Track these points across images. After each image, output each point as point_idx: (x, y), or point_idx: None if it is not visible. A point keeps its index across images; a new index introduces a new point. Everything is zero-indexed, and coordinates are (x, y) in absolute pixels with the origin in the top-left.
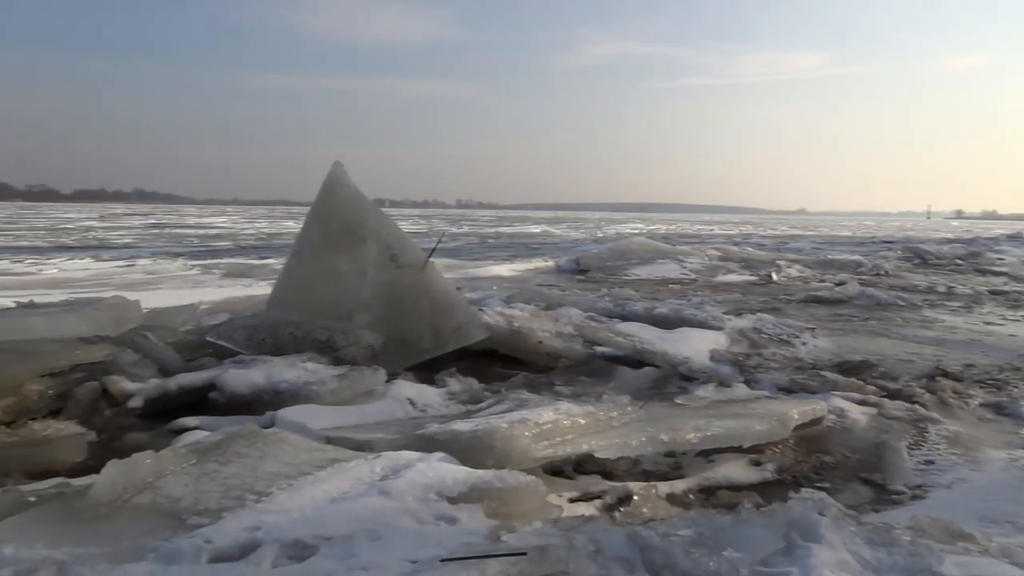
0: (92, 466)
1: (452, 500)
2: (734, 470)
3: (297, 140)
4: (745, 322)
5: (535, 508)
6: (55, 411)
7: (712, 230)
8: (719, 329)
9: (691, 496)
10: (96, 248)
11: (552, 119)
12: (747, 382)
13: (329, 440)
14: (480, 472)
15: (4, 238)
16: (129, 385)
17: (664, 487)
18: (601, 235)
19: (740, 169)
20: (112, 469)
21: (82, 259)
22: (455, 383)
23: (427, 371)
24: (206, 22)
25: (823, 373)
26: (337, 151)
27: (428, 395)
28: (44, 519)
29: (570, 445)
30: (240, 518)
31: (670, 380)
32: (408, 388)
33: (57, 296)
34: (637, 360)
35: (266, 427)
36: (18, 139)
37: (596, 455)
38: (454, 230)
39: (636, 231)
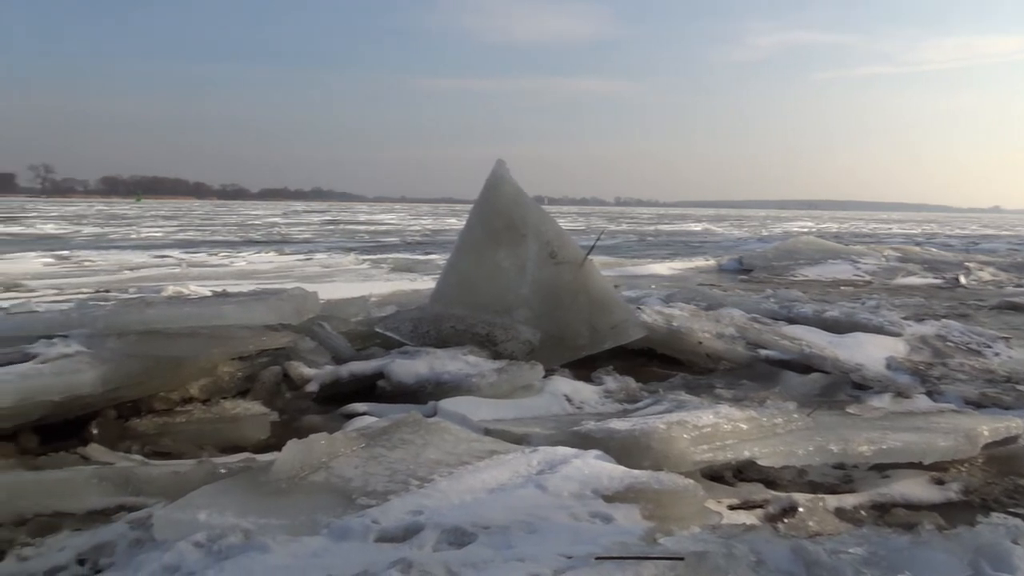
0: (274, 444)
1: (608, 498)
2: (912, 487)
3: (461, 140)
4: (928, 328)
5: (693, 513)
6: (243, 392)
7: (890, 229)
8: (897, 335)
9: (863, 512)
10: (279, 243)
11: (715, 114)
12: (929, 394)
13: (488, 432)
14: (636, 472)
15: (202, 233)
16: (307, 371)
17: (833, 500)
18: (766, 233)
19: (922, 163)
20: (292, 448)
21: (267, 253)
22: (612, 381)
23: (584, 368)
24: (384, 31)
25: (1020, 387)
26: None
27: (584, 392)
28: (233, 490)
29: (731, 450)
30: (404, 501)
31: (841, 387)
32: (565, 384)
33: (246, 286)
34: (804, 365)
35: (429, 416)
36: (217, 142)
37: (759, 462)
38: (612, 228)
39: (804, 229)
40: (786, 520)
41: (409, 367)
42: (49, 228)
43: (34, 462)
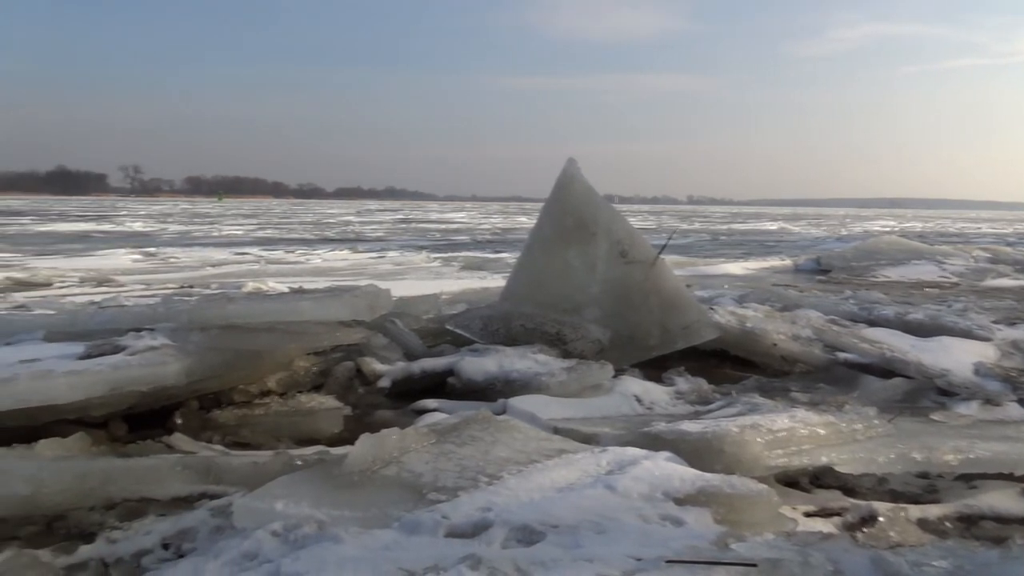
0: (347, 437)
1: (678, 501)
2: (1002, 500)
3: (531, 138)
4: (1020, 333)
5: (766, 518)
6: (318, 386)
7: (979, 228)
8: (986, 339)
9: (947, 524)
10: (353, 241)
11: (793, 110)
12: (1021, 401)
13: (557, 430)
14: (708, 475)
15: (280, 231)
16: (379, 366)
17: (915, 511)
18: (846, 232)
19: (1017, 159)
20: (364, 442)
21: (341, 250)
22: (683, 382)
23: (654, 368)
24: (456, 31)
25: None
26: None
27: (655, 393)
28: (308, 481)
29: (807, 456)
30: (474, 498)
31: (925, 393)
32: (635, 384)
33: (321, 283)
34: (885, 369)
35: (498, 414)
36: (294, 143)
37: (836, 469)
38: (684, 226)
39: (886, 228)
40: (865, 529)
41: (479, 365)
42: (137, 226)
43: (123, 449)
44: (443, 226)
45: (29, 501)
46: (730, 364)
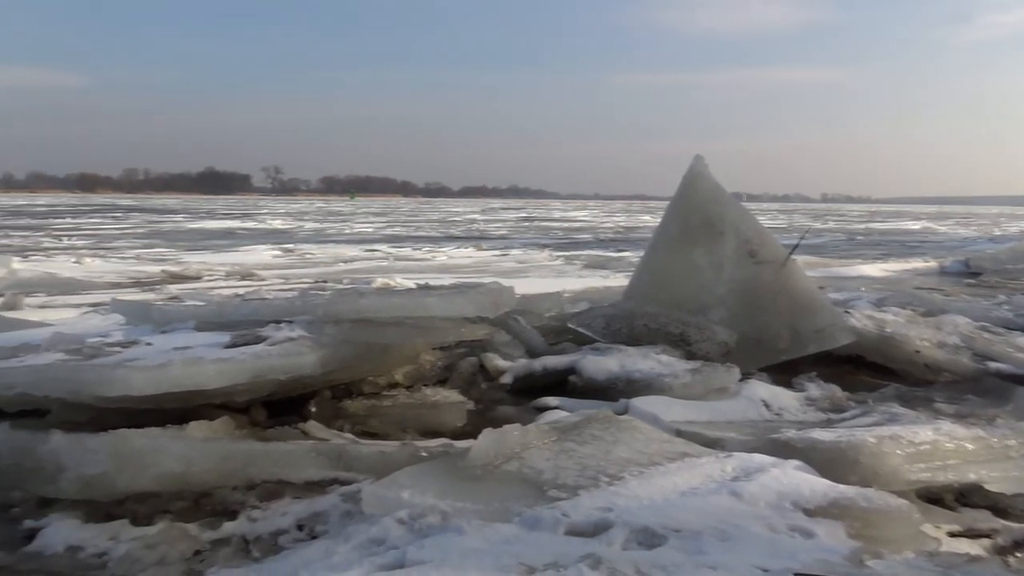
0: (470, 431)
1: (808, 512)
2: None
3: (656, 136)
4: None
5: (906, 536)
6: (442, 380)
7: None
8: None
9: None
10: (477, 238)
11: (939, 101)
12: None
13: (679, 433)
14: (842, 487)
15: (407, 229)
16: (502, 363)
17: None
18: (999, 232)
19: None
20: (487, 437)
21: (466, 248)
22: (815, 388)
23: (783, 373)
24: (584, 30)
25: None
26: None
27: (784, 398)
28: (432, 472)
29: (952, 471)
30: (594, 497)
31: None
32: (762, 389)
33: (447, 280)
34: None
35: (620, 414)
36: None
37: (986, 487)
38: (818, 225)
39: None
40: (1019, 554)
41: (601, 364)
42: (277, 223)
43: (262, 434)
44: (566, 224)
45: (180, 478)
46: (866, 371)
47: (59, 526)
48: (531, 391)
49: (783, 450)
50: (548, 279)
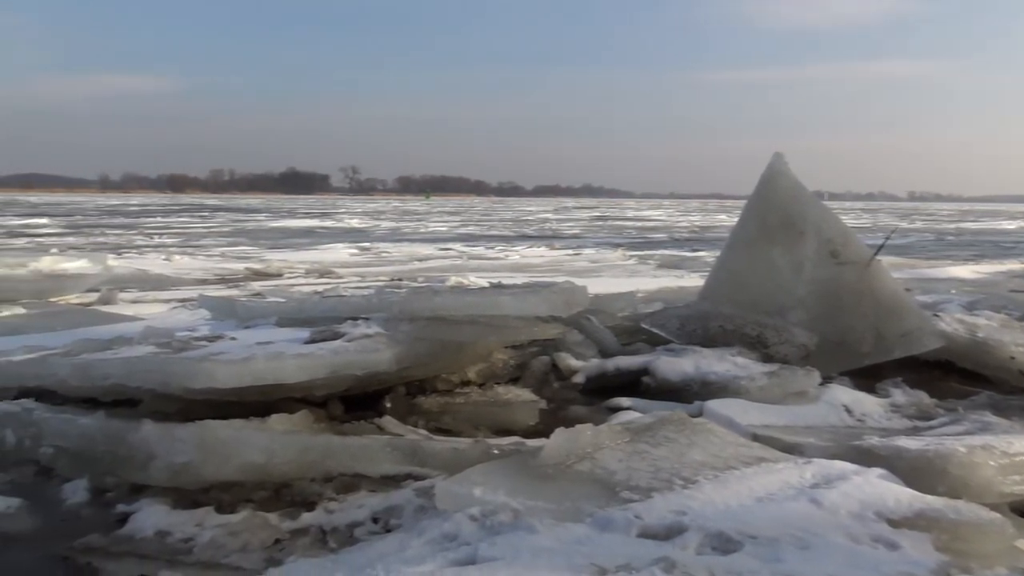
0: (542, 430)
1: (893, 523)
2: None
3: (734, 134)
4: None
5: (999, 551)
6: (514, 379)
7: None
8: None
9: None
10: (550, 238)
11: None
12: None
13: (756, 437)
14: (929, 498)
15: (481, 228)
16: (574, 362)
17: None
18: None
19: None
20: (559, 436)
21: (539, 247)
22: (900, 394)
23: (866, 378)
24: (658, 26)
25: None
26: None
27: (867, 404)
28: (504, 470)
29: None
30: (667, 500)
31: None
32: (844, 394)
33: (520, 278)
34: None
35: (694, 416)
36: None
37: None
38: (905, 225)
39: None
40: None
41: (675, 365)
42: (354, 223)
43: (340, 428)
44: (640, 224)
45: (262, 469)
46: (956, 377)
47: (149, 511)
48: (604, 391)
49: (866, 458)
50: (621, 279)
